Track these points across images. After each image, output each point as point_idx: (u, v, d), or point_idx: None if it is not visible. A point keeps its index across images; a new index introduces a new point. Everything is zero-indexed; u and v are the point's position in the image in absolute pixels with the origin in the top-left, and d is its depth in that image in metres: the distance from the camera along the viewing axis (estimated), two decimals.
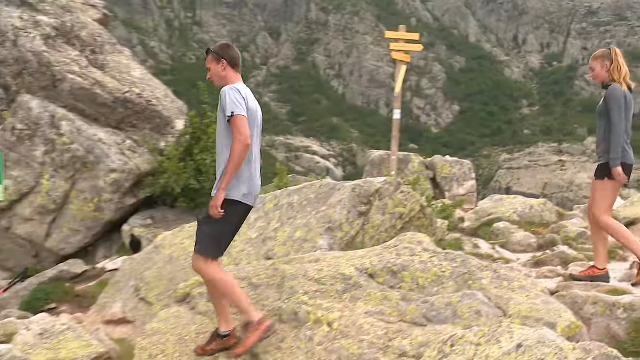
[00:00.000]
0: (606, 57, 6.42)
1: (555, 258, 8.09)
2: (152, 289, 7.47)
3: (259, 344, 4.30)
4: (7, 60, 10.11)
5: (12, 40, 10.03)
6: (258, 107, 5.27)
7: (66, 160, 10.17)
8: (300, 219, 7.16)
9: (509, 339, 2.78)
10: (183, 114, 11.71)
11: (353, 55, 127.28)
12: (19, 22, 10.13)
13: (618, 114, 6.21)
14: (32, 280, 10.15)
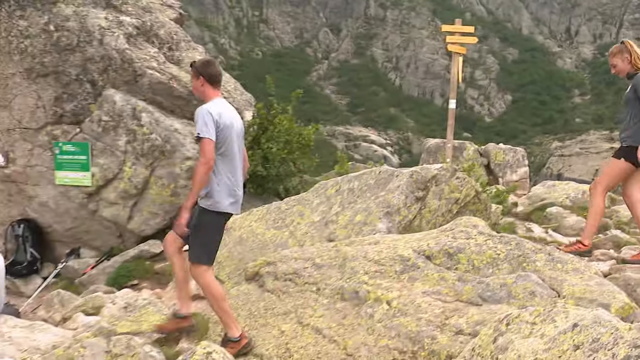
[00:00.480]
0: (624, 51, 6.33)
1: (607, 242, 7.86)
2: (223, 268, 7.55)
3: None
4: (94, 58, 10.30)
5: (99, 39, 10.20)
6: (236, 120, 5.30)
7: (146, 149, 10.34)
8: (360, 203, 7.13)
9: (564, 319, 2.71)
10: (251, 106, 11.78)
11: (409, 49, 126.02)
12: (105, 22, 10.30)
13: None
14: (116, 259, 10.40)
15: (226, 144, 5.09)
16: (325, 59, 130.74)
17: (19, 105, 10.82)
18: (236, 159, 5.26)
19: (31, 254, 11.32)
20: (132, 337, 5.32)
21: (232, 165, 5.19)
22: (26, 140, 10.92)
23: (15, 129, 10.94)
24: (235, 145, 5.23)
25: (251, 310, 4.88)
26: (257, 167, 10.56)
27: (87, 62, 10.34)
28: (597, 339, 2.42)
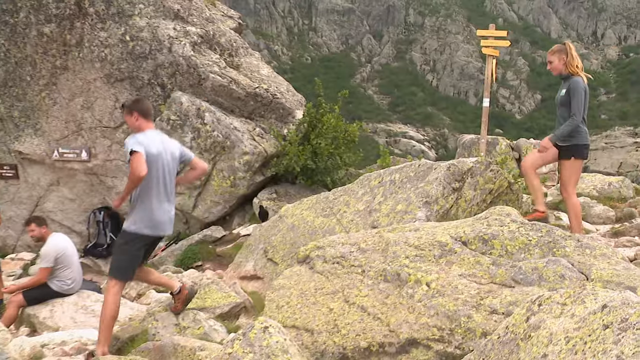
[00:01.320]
0: (562, 51, 6.24)
1: (633, 229, 7.61)
2: (277, 251, 7.57)
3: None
4: (163, 64, 10.45)
5: (168, 47, 10.35)
6: (163, 151, 5.14)
7: (209, 144, 10.45)
8: (401, 193, 7.07)
9: (593, 300, 2.64)
10: (302, 105, 11.79)
11: (446, 52, 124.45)
12: (173, 32, 10.43)
13: (578, 105, 6.05)
14: (183, 242, 10.56)
15: (151, 171, 4.93)
16: (368, 63, 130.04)
17: (99, 106, 11.06)
18: (161, 186, 5.14)
19: (110, 237, 11.59)
20: (197, 312, 5.40)
21: (156, 191, 5.09)
22: (106, 137, 11.16)
23: (96, 127, 11.19)
24: (162, 173, 5.12)
25: (302, 290, 4.89)
26: (307, 161, 10.56)
27: (157, 68, 10.49)
28: (626, 319, 2.34)
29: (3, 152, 12.30)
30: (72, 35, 10.96)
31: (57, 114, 11.49)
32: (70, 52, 11.04)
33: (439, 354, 3.69)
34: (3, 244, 12.99)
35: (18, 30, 11.43)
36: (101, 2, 10.71)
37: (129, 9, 10.58)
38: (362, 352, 3.96)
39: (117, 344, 5.04)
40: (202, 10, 11.31)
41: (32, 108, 11.70)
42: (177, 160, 5.36)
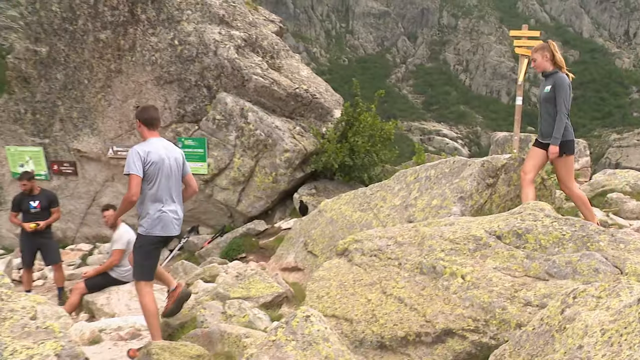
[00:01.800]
0: (545, 49, 6.12)
1: None
2: (317, 244, 7.57)
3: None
4: (209, 67, 10.54)
5: (213, 50, 10.44)
6: (166, 157, 5.20)
7: (252, 142, 10.51)
8: (436, 189, 7.00)
9: (628, 293, 2.57)
10: (339, 105, 11.76)
11: (478, 53, 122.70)
12: (218, 36, 10.52)
13: (565, 101, 5.89)
14: (228, 235, 10.65)
15: (155, 177, 5.08)
16: (403, 64, 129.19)
17: None
18: (166, 190, 5.21)
19: None
20: (242, 301, 5.44)
21: (161, 194, 5.16)
22: None
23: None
24: (166, 178, 5.20)
25: (342, 281, 4.88)
26: (345, 158, 10.55)
27: (204, 70, 10.59)
28: None
29: (63, 150, 12.61)
30: (125, 40, 11.14)
31: (112, 114, 11.71)
32: (124, 56, 11.23)
33: (474, 344, 3.64)
34: (63, 236, 13.34)
35: (77, 37, 11.68)
36: (152, 9, 10.86)
37: (178, 15, 10.70)
38: (399, 341, 3.94)
39: (168, 330, 5.13)
40: (246, 15, 11.37)
41: (89, 109, 11.95)
42: (181, 165, 5.44)
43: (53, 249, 9.37)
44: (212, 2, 10.76)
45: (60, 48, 11.95)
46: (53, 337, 3.65)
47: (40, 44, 12.26)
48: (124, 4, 11.03)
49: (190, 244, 11.38)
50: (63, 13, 11.76)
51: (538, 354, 2.71)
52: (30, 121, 12.84)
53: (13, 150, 13.23)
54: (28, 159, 13.05)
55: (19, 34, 61.46)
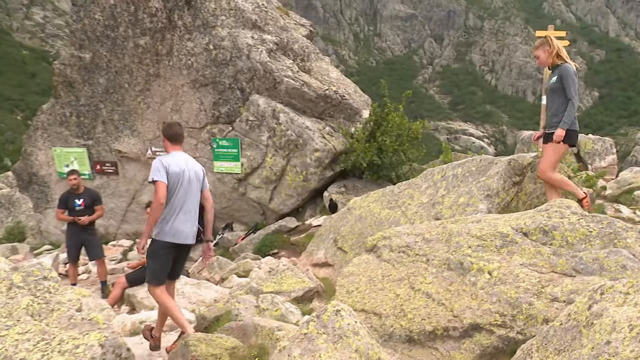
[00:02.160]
0: (545, 44, 6.03)
1: None
2: (346, 241, 7.56)
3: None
4: (242, 70, 10.60)
5: (246, 54, 10.49)
6: (186, 169, 5.31)
7: (283, 142, 10.54)
8: (463, 187, 6.92)
9: None
10: (368, 105, 11.72)
11: (504, 53, 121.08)
12: (251, 40, 10.56)
13: (573, 89, 5.75)
14: (260, 232, 10.70)
15: (174, 188, 5.20)
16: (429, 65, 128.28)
17: (186, 109, 11.34)
18: (183, 201, 5.30)
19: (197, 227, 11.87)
20: (275, 295, 5.47)
21: (177, 203, 5.24)
22: (192, 137, 11.44)
23: (184, 128, 11.48)
24: (184, 189, 5.29)
25: (371, 277, 4.87)
26: (373, 157, 10.50)
27: (237, 73, 10.65)
28: None
29: (105, 151, 12.83)
30: (163, 45, 11.27)
31: (150, 116, 11.87)
32: (162, 61, 11.36)
33: (502, 338, 3.60)
34: (105, 232, 13.59)
35: (118, 43, 11.86)
36: (188, 15, 10.97)
37: (213, 20, 10.79)
38: (427, 335, 3.91)
39: (204, 322, 5.18)
40: (277, 20, 11.40)
41: (129, 112, 12.14)
42: (200, 179, 5.54)
43: (96, 244, 9.54)
44: (245, 8, 10.82)
45: (102, 54, 12.15)
46: (97, 328, 3.73)
47: (84, 51, 12.49)
48: (162, 11, 11.16)
49: (225, 240, 11.48)
50: (105, 21, 11.96)
51: (565, 349, 2.66)
52: (75, 123, 13.10)
53: (59, 151, 13.53)
54: (73, 160, 13.32)
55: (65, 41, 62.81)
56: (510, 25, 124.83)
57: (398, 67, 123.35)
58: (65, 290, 4.10)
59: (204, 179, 5.66)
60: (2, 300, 3.75)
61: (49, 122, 13.65)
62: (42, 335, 3.52)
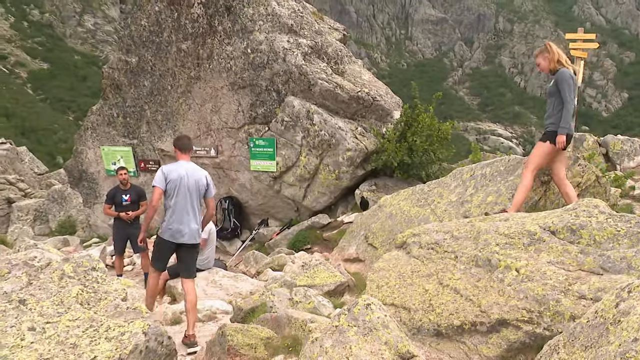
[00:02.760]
0: (545, 51, 6.01)
1: None
2: (377, 237, 7.53)
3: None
4: (278, 72, 10.64)
5: (282, 57, 10.52)
6: (185, 176, 5.84)
7: (316, 142, 10.55)
8: (491, 186, 6.82)
9: None
10: (399, 106, 11.64)
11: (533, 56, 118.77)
12: (287, 44, 10.59)
13: (569, 93, 5.68)
14: (294, 228, 10.75)
15: (173, 192, 5.78)
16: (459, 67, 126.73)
17: (225, 110, 11.46)
18: (178, 208, 5.81)
19: (234, 223, 12.01)
20: (308, 289, 5.48)
21: (173, 210, 5.80)
22: (230, 137, 11.55)
23: (222, 128, 11.61)
24: (182, 194, 5.82)
25: (400, 272, 4.84)
26: (403, 156, 10.43)
27: (274, 76, 10.70)
28: None
29: (149, 149, 13.07)
30: (204, 50, 11.41)
31: (191, 117, 12.03)
32: (202, 64, 11.50)
33: (528, 334, 3.53)
34: (150, 227, 13.82)
35: (162, 48, 12.06)
36: (228, 21, 11.07)
37: (251, 25, 10.87)
38: (455, 329, 3.87)
39: (241, 313, 5.22)
40: (312, 24, 11.41)
41: (172, 113, 12.33)
42: (202, 185, 5.99)
43: None
44: (281, 13, 10.86)
45: (147, 58, 12.37)
46: (141, 317, 3.80)
47: (130, 55, 12.74)
48: (203, 17, 11.30)
49: (261, 236, 11.57)
50: (150, 27, 12.17)
51: (592, 346, 2.60)
52: (122, 124, 13.38)
53: (107, 149, 13.84)
54: (119, 158, 13.61)
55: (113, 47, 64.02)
56: (540, 28, 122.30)
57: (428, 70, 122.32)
58: (112, 280, 4.19)
59: (209, 186, 6.11)
60: (55, 289, 3.86)
61: (97, 123, 13.98)
62: (90, 322, 3.61)
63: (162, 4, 11.88)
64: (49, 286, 3.88)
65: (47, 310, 3.65)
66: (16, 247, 6.03)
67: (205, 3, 11.26)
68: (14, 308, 3.62)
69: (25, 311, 3.61)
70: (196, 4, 11.34)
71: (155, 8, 12.01)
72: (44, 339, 3.40)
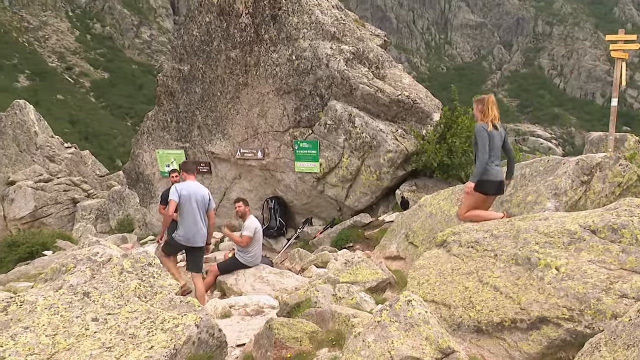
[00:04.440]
0: (479, 102, 6.24)
1: None
2: (417, 236, 7.47)
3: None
4: (322, 78, 10.66)
5: (325, 63, 10.54)
6: (195, 192, 7.32)
7: (358, 144, 10.52)
8: (530, 186, 6.65)
9: None
10: (438, 109, 11.48)
11: (573, 58, 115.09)
12: (330, 50, 10.60)
13: (482, 146, 5.96)
14: (337, 227, 10.75)
15: (183, 207, 7.21)
16: (498, 70, 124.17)
17: (271, 114, 11.56)
18: (190, 218, 7.26)
19: (279, 222, 12.11)
20: (350, 285, 5.48)
21: (186, 220, 7.26)
22: (276, 140, 11.65)
23: (269, 132, 11.72)
24: (190, 209, 7.25)
25: (440, 270, 4.78)
26: (443, 157, 10.30)
27: (317, 81, 10.73)
28: None
29: (200, 152, 13.32)
30: (251, 57, 11.55)
31: (239, 121, 12.19)
32: (250, 71, 11.64)
33: (569, 331, 3.42)
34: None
35: (212, 56, 12.28)
36: (274, 29, 11.17)
37: (295, 33, 10.93)
38: (495, 326, 3.79)
39: (287, 308, 5.26)
40: (354, 31, 11.39)
41: (221, 117, 12.52)
42: (206, 200, 7.50)
43: None
44: (324, 21, 10.89)
45: (198, 66, 12.62)
46: (193, 310, 3.87)
47: (183, 63, 13.03)
48: (251, 26, 11.44)
49: (305, 234, 11.62)
50: (201, 36, 12.41)
51: (635, 344, 2.50)
52: (175, 128, 13.69)
53: (161, 152, 14.19)
54: (172, 160, 13.93)
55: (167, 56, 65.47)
56: (579, 30, 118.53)
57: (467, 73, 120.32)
58: (166, 275, 4.29)
59: (210, 201, 7.56)
60: (115, 283, 3.98)
61: (153, 127, 14.35)
62: (147, 314, 3.71)
63: (212, 14, 12.09)
64: (110, 280, 4.01)
65: (109, 302, 3.77)
66: (80, 243, 6.53)
67: (252, 13, 11.39)
68: (79, 300, 3.75)
69: (89, 303, 3.74)
70: (244, 14, 11.49)
71: (206, 19, 12.23)
72: (105, 329, 3.52)
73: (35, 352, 3.20)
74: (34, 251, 15.71)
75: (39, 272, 12.07)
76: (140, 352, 3.30)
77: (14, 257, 15.66)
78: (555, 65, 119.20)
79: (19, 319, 3.51)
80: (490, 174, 6.08)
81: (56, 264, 4.25)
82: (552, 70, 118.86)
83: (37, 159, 24.58)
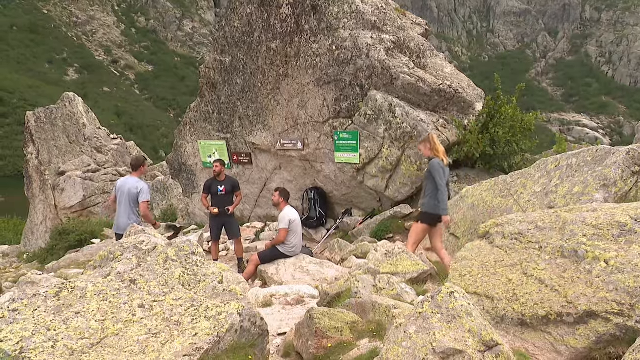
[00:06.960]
0: (426, 141, 7.07)
1: None
2: (459, 227, 7.37)
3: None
4: (362, 68, 10.58)
5: (366, 53, 10.46)
6: (124, 184, 8.55)
7: (398, 135, 10.42)
8: (577, 177, 6.45)
9: None
10: (481, 98, 11.24)
11: (623, 44, 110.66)
12: (370, 40, 10.51)
13: (440, 179, 6.64)
14: (377, 217, 10.70)
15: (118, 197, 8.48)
16: (542, 58, 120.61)
17: (311, 105, 11.57)
18: (121, 206, 8.55)
19: (319, 212, 12.14)
20: (391, 276, 5.44)
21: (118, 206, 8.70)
22: (316, 130, 11.66)
23: (308, 123, 11.73)
24: (118, 195, 8.54)
25: (483, 262, 4.69)
26: (485, 147, 10.10)
27: (357, 71, 10.67)
28: None
29: (241, 143, 13.48)
30: (291, 48, 11.56)
31: (280, 112, 12.25)
32: (290, 62, 11.66)
33: (619, 326, 3.31)
34: (241, 215, 14.30)
35: (253, 47, 12.36)
36: (314, 20, 11.14)
37: (335, 23, 10.88)
38: (540, 319, 3.70)
39: (327, 298, 5.28)
40: (395, 20, 11.24)
41: (262, 108, 12.62)
42: (133, 194, 8.52)
43: (234, 226, 10.09)
44: (365, 11, 10.79)
45: (240, 57, 12.72)
46: (235, 298, 3.93)
47: (224, 55, 13.16)
48: (291, 17, 11.45)
49: (345, 225, 11.61)
50: (243, 28, 12.49)
51: None
52: (216, 119, 13.88)
53: (203, 143, 14.42)
54: (214, 151, 14.14)
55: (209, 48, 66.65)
56: (630, 16, 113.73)
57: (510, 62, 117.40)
58: (209, 264, 4.36)
59: (139, 194, 8.48)
60: (160, 271, 4.07)
61: (195, 119, 14.59)
62: (191, 302, 3.78)
63: (254, 5, 12.15)
64: (155, 268, 4.10)
65: (154, 290, 3.87)
66: (127, 232, 6.78)
67: (293, 3, 11.39)
68: (127, 287, 3.86)
69: (135, 290, 3.85)
70: (285, 4, 11.50)
71: (247, 10, 12.30)
72: (151, 315, 3.61)
73: (85, 337, 3.32)
74: (83, 239, 16.33)
75: (88, 260, 12.52)
76: (185, 339, 3.37)
77: (65, 245, 16.33)
78: (603, 52, 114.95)
79: (70, 304, 3.63)
80: (433, 207, 6.73)
81: (104, 252, 4.38)
82: (600, 58, 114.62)
83: (85, 149, 25.40)
